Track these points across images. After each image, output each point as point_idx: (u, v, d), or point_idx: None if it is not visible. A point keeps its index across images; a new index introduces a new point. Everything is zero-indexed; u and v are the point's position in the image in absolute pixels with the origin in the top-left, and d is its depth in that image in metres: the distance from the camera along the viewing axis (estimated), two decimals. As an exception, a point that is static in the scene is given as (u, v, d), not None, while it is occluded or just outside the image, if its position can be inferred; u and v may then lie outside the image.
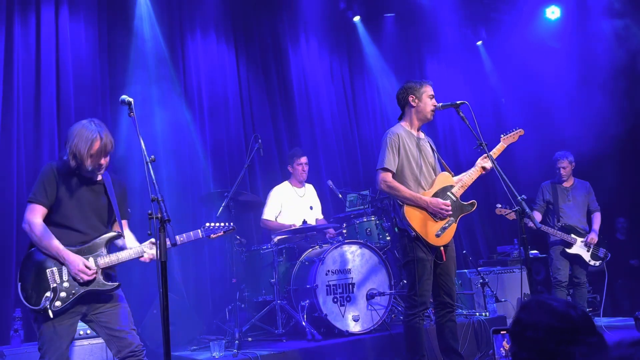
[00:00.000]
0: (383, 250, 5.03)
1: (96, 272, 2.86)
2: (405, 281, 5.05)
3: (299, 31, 7.15)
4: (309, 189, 5.82)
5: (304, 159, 5.64)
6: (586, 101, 7.53)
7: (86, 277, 2.82)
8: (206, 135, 6.10)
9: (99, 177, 3.05)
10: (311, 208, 5.63)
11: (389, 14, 7.83)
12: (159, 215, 2.34)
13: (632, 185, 7.46)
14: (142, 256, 2.97)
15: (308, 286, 4.52)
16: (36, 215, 2.84)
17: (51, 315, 2.75)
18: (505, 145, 4.02)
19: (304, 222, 5.10)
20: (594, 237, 5.54)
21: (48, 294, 2.77)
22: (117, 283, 2.94)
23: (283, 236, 5.30)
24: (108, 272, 2.96)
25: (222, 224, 3.29)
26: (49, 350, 2.79)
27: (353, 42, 7.65)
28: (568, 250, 5.52)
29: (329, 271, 4.58)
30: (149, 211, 2.34)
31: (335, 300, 4.54)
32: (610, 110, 7.26)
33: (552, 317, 1.47)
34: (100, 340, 4.13)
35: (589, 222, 5.74)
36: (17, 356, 3.92)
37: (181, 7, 6.27)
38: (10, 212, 4.79)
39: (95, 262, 2.88)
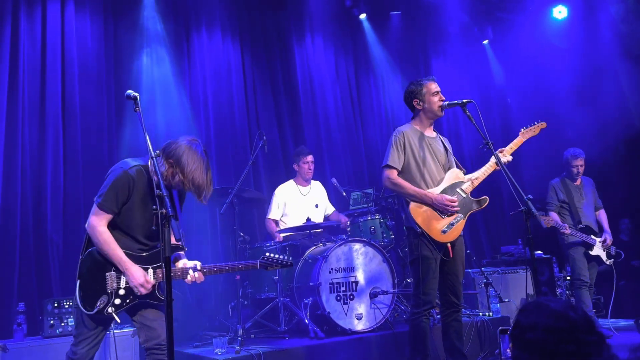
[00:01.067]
0: (387, 249, 5.01)
1: (154, 286, 2.84)
2: (409, 280, 5.04)
3: (305, 28, 7.13)
4: (315, 186, 5.80)
5: (309, 158, 5.62)
6: (592, 101, 7.50)
7: (144, 292, 2.80)
8: (210, 132, 6.10)
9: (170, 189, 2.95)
10: (317, 206, 5.61)
11: (395, 12, 7.80)
12: (164, 211, 2.32)
13: (637, 186, 7.41)
14: (187, 278, 2.94)
15: (311, 284, 4.51)
16: (102, 221, 2.77)
17: (105, 315, 2.76)
18: (524, 140, 3.93)
19: (308, 219, 5.08)
20: (609, 238, 5.47)
21: (103, 297, 2.77)
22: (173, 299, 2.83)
23: (287, 234, 5.30)
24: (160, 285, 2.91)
25: (280, 257, 3.24)
26: (84, 339, 2.82)
27: (359, 40, 7.63)
28: (590, 252, 5.44)
29: (332, 269, 4.57)
30: (154, 206, 2.32)
31: (338, 298, 4.53)
32: (615, 111, 7.23)
33: (550, 317, 1.48)
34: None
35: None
36: (20, 350, 3.93)
37: (187, 4, 6.26)
38: (14, 206, 4.80)
39: (155, 273, 2.85)
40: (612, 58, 7.49)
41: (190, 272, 2.92)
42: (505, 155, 3.77)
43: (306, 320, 4.42)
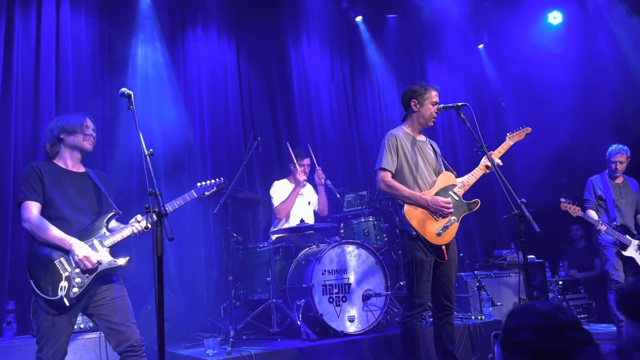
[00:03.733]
0: (380, 251, 5.01)
1: (99, 264, 2.89)
2: (401, 282, 5.04)
3: (301, 30, 7.13)
4: (308, 186, 5.81)
5: (306, 161, 5.63)
6: (587, 106, 7.54)
7: (90, 265, 2.83)
8: (205, 132, 6.08)
9: (82, 169, 3.13)
10: (309, 203, 5.62)
11: (391, 15, 7.82)
12: (157, 209, 2.31)
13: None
14: (133, 228, 3.01)
15: (304, 285, 4.50)
16: (30, 210, 2.88)
17: (67, 303, 2.77)
18: (511, 144, 3.96)
19: (302, 221, 5.08)
20: None
21: (62, 283, 2.79)
22: (128, 257, 2.98)
23: (281, 235, 5.29)
24: (114, 250, 3.00)
25: (213, 180, 3.38)
26: (47, 343, 2.80)
27: (354, 42, 7.64)
28: (623, 253, 5.23)
29: (325, 271, 4.56)
30: (147, 205, 2.31)
31: (331, 300, 4.52)
32: (610, 116, 7.26)
33: (537, 317, 1.48)
34: (94, 336, 4.12)
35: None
36: (9, 349, 3.90)
37: (183, 4, 6.25)
38: (6, 206, 4.76)
39: (101, 243, 2.93)
40: (607, 63, 7.53)
41: (135, 224, 3.02)
42: (494, 159, 3.77)
43: (298, 322, 4.41)
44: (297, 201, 5.59)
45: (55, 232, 2.84)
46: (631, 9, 7.34)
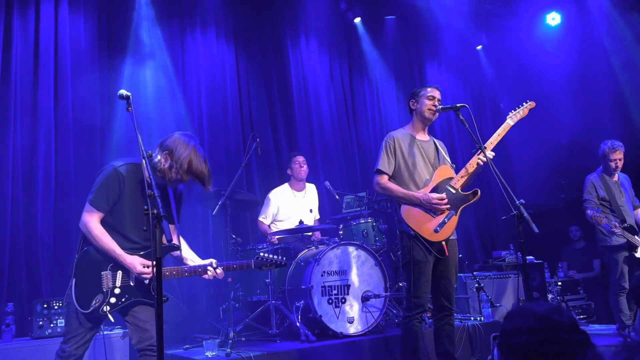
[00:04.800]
0: (379, 252, 5.01)
1: (149, 284, 2.85)
2: (400, 284, 5.04)
3: (300, 31, 7.14)
4: (310, 190, 5.80)
5: (300, 158, 5.64)
6: (585, 107, 7.55)
7: (150, 276, 2.80)
8: (204, 133, 6.08)
9: (164, 185, 2.97)
10: (311, 211, 5.60)
11: (389, 17, 7.82)
12: (155, 211, 2.31)
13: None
14: (207, 274, 2.95)
15: (303, 287, 4.50)
16: (94, 218, 2.81)
17: (93, 316, 2.78)
18: (512, 124, 3.83)
19: (300, 222, 5.08)
20: None
21: (99, 296, 2.78)
22: (166, 297, 2.71)
23: (282, 236, 5.29)
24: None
25: (275, 257, 3.23)
26: (72, 338, 2.83)
27: (353, 44, 7.64)
28: (636, 255, 4.98)
29: (324, 272, 4.56)
30: (145, 207, 2.31)
31: (330, 301, 4.52)
32: (609, 116, 7.27)
33: (533, 319, 1.48)
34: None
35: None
36: (8, 351, 3.89)
37: (182, 5, 6.25)
38: (4, 206, 4.76)
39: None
40: (606, 64, 7.54)
41: (210, 268, 2.95)
42: (488, 149, 3.69)
43: (298, 324, 4.40)
44: (298, 205, 5.59)
45: (112, 245, 2.78)
46: (630, 9, 7.35)
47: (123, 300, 2.82)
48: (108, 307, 2.79)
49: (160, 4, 6.00)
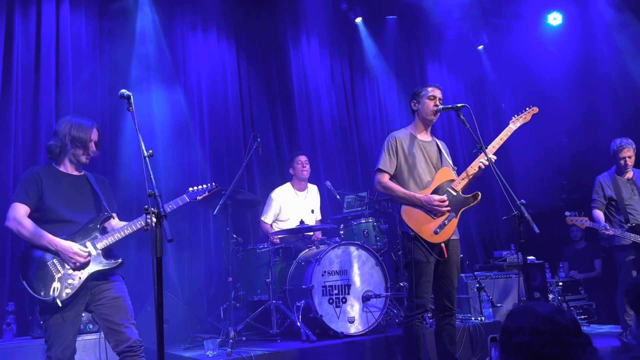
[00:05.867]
0: (380, 252, 5.01)
1: (90, 255, 2.95)
2: (401, 284, 5.04)
3: (301, 31, 7.14)
4: (312, 191, 5.80)
5: (303, 158, 5.65)
6: (587, 107, 7.54)
7: (81, 260, 2.89)
8: (205, 133, 6.08)
9: (81, 172, 3.20)
10: (312, 212, 5.60)
11: (391, 16, 7.81)
12: (156, 211, 2.31)
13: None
14: (144, 228, 3.03)
15: (304, 286, 4.50)
16: (19, 211, 2.95)
17: (59, 304, 2.80)
18: (514, 128, 3.82)
19: (301, 222, 5.07)
20: None
21: (55, 284, 2.83)
22: (119, 260, 3.02)
23: (282, 235, 5.28)
24: (109, 252, 3.05)
25: (206, 185, 3.39)
26: (55, 341, 2.85)
27: (354, 44, 7.64)
28: None
29: (325, 272, 4.56)
30: (146, 206, 2.31)
31: (330, 301, 4.52)
32: (610, 117, 7.26)
33: (536, 320, 1.48)
34: (94, 337, 4.11)
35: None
36: (9, 350, 3.89)
37: (183, 4, 6.25)
38: (5, 207, 4.74)
39: (93, 245, 2.97)
40: (607, 64, 7.53)
41: (132, 225, 3.07)
42: (489, 153, 3.71)
43: (298, 323, 4.40)
44: (299, 205, 5.59)
45: (43, 232, 2.89)
46: (631, 9, 7.34)
47: (80, 276, 2.90)
48: (69, 290, 2.85)
49: (161, 3, 6.00)
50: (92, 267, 2.95)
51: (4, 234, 4.70)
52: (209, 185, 3.39)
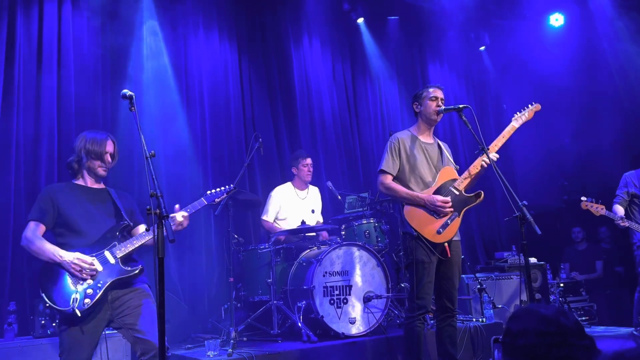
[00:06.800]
0: (381, 253, 5.01)
1: (93, 266, 2.91)
2: (402, 285, 5.04)
3: (302, 31, 7.14)
4: (313, 191, 5.80)
5: (308, 160, 5.64)
6: (588, 108, 7.53)
7: (84, 266, 2.85)
8: (206, 133, 6.08)
9: (101, 185, 3.23)
10: (313, 212, 5.60)
11: (392, 17, 7.81)
12: (158, 211, 2.31)
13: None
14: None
15: (305, 287, 4.50)
16: (29, 229, 2.96)
17: (79, 314, 2.78)
18: (517, 126, 3.83)
19: (303, 222, 5.07)
20: None
21: (75, 295, 2.82)
22: (138, 267, 3.01)
23: (283, 236, 5.28)
24: (128, 260, 3.04)
25: (223, 187, 3.40)
26: (69, 356, 2.83)
27: (356, 44, 7.64)
28: None
29: (326, 272, 4.55)
30: (148, 207, 2.31)
31: (332, 302, 4.52)
32: (612, 117, 7.25)
33: (541, 322, 1.47)
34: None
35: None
36: (10, 350, 3.89)
37: (184, 4, 6.25)
38: (7, 204, 4.76)
39: (112, 253, 2.96)
40: (609, 65, 7.52)
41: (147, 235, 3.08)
42: (491, 152, 3.71)
43: (299, 324, 4.40)
44: (300, 205, 5.58)
45: (47, 245, 2.89)
46: (632, 10, 7.33)
47: (99, 285, 2.87)
48: (89, 300, 2.82)
49: (162, 4, 6.00)
50: (111, 276, 2.93)
51: (5, 235, 4.70)
52: (226, 187, 3.40)
